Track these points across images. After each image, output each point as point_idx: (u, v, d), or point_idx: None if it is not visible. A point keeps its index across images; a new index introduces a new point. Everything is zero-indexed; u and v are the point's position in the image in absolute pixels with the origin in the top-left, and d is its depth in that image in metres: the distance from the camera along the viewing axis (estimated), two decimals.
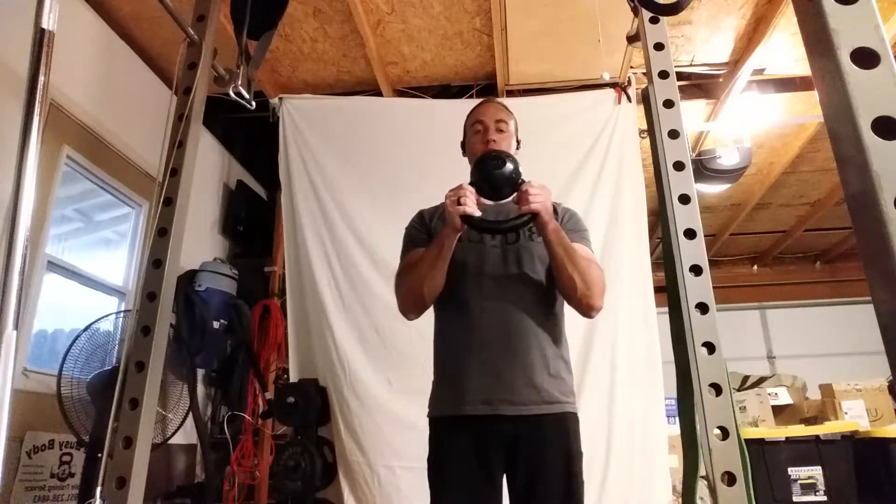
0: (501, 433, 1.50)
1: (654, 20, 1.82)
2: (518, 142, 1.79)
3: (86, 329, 2.67)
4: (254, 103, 2.29)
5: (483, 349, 1.53)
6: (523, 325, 1.56)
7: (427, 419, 1.62)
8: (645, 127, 2.00)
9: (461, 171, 1.94)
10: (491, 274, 1.59)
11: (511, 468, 1.51)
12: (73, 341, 2.61)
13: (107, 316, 2.81)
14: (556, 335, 1.63)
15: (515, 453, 1.50)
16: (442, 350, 1.67)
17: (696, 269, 1.54)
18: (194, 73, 1.98)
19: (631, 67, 3.74)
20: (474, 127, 1.74)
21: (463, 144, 1.82)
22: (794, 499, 3.60)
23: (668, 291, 1.62)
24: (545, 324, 1.59)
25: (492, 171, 1.52)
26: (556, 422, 1.51)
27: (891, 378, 4.10)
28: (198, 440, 3.64)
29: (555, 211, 1.65)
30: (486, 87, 3.99)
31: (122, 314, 2.92)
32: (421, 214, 1.80)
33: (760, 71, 3.82)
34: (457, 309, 1.60)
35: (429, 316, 1.75)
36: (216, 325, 3.62)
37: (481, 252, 1.61)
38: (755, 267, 7.61)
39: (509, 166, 1.52)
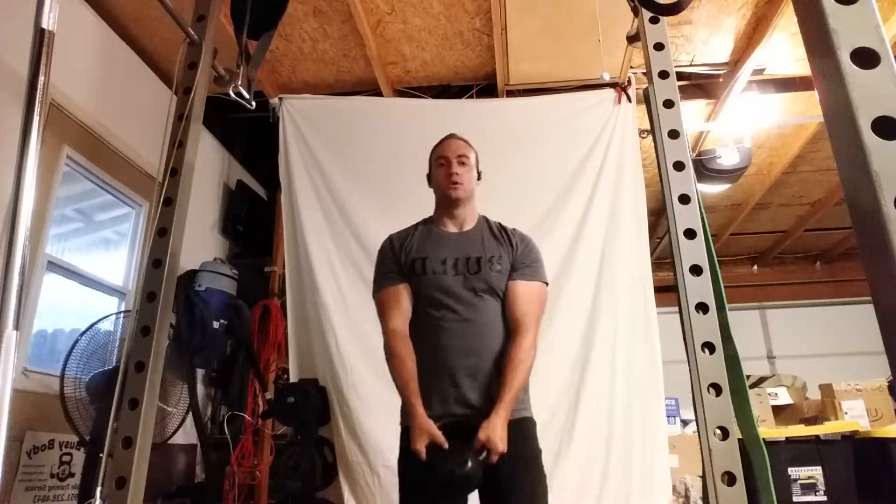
0: (461, 440, 1.61)
1: (654, 20, 1.82)
2: (479, 173, 1.91)
3: (88, 329, 2.67)
4: (254, 103, 2.29)
5: (448, 368, 1.67)
6: (482, 346, 1.70)
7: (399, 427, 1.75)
8: (645, 127, 2.00)
9: None
10: (454, 300, 1.72)
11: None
12: (76, 342, 2.61)
13: (108, 316, 2.81)
14: None
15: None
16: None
17: (695, 270, 1.54)
18: (194, 73, 1.98)
19: (631, 67, 3.74)
20: (438, 161, 1.87)
21: (429, 177, 1.93)
22: (794, 499, 3.59)
23: (678, 291, 1.62)
24: (502, 342, 1.72)
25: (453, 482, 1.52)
26: (514, 427, 1.62)
27: (891, 378, 4.10)
28: (198, 440, 3.64)
29: (507, 236, 1.82)
30: (486, 87, 3.98)
31: (123, 314, 2.93)
32: (391, 243, 1.89)
33: (760, 71, 3.82)
34: (424, 332, 1.74)
35: None
36: (216, 325, 3.62)
37: (445, 282, 1.74)
38: (755, 267, 7.61)
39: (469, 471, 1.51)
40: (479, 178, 1.91)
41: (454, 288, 1.72)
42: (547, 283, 1.84)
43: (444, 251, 1.78)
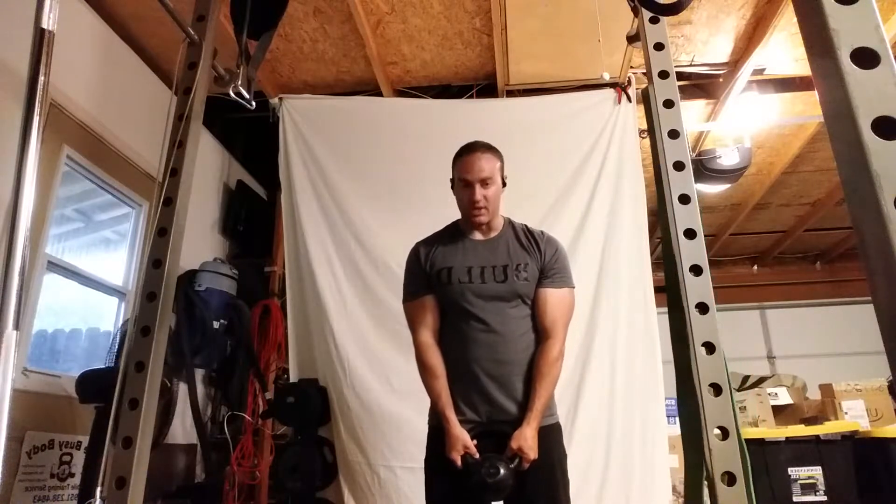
0: (491, 445, 1.66)
1: (654, 20, 1.82)
2: (504, 179, 1.87)
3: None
4: (254, 103, 2.29)
5: (477, 377, 1.70)
6: (511, 354, 1.72)
7: (427, 426, 1.78)
8: (645, 127, 2.00)
9: None
10: (481, 310, 1.74)
11: None
12: (119, 342, 2.61)
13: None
14: None
15: None
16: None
17: (695, 269, 1.54)
18: (194, 73, 1.99)
19: (631, 67, 3.73)
20: (461, 181, 1.82)
21: (452, 182, 1.89)
22: (794, 499, 3.59)
23: (668, 291, 1.64)
24: (530, 350, 1.75)
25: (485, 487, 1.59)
26: (542, 434, 1.67)
27: (891, 378, 4.10)
28: (198, 440, 3.64)
29: (535, 241, 1.81)
30: (486, 87, 3.98)
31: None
32: (417, 253, 1.88)
33: (760, 71, 3.82)
34: (453, 339, 1.76)
35: None
36: (216, 325, 3.62)
37: (471, 292, 1.75)
38: (755, 267, 7.61)
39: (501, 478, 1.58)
40: (504, 186, 1.87)
41: (480, 297, 1.74)
42: (574, 287, 1.86)
43: (469, 260, 1.79)
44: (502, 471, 1.57)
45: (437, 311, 1.79)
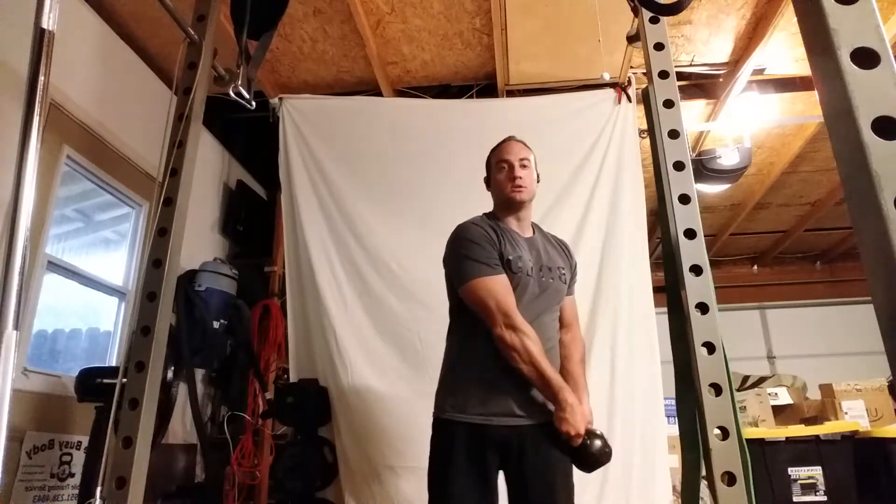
0: (502, 439, 1.65)
1: (654, 20, 1.83)
2: (538, 175, 1.93)
3: None
4: (254, 103, 2.29)
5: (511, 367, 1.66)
6: (554, 360, 1.72)
7: (441, 420, 1.73)
8: (645, 127, 2.01)
9: (460, 171, 1.97)
10: (538, 307, 1.74)
11: (514, 469, 1.68)
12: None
13: None
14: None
15: (521, 457, 1.66)
16: (469, 360, 1.74)
17: (696, 269, 1.54)
18: (194, 73, 1.99)
19: (631, 67, 3.73)
20: (499, 165, 1.86)
21: (486, 180, 1.94)
22: (794, 499, 3.59)
23: (667, 291, 1.64)
24: (557, 348, 1.78)
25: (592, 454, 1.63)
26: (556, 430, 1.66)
27: (891, 378, 4.10)
28: (198, 440, 3.64)
29: (564, 248, 1.94)
30: (486, 87, 3.98)
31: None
32: (482, 228, 1.78)
33: (760, 71, 3.82)
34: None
35: (429, 320, 1.79)
36: (216, 325, 3.62)
37: (531, 288, 1.73)
38: (755, 267, 7.61)
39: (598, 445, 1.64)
40: (538, 181, 1.91)
41: (534, 294, 1.73)
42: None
43: (525, 254, 1.76)
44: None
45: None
